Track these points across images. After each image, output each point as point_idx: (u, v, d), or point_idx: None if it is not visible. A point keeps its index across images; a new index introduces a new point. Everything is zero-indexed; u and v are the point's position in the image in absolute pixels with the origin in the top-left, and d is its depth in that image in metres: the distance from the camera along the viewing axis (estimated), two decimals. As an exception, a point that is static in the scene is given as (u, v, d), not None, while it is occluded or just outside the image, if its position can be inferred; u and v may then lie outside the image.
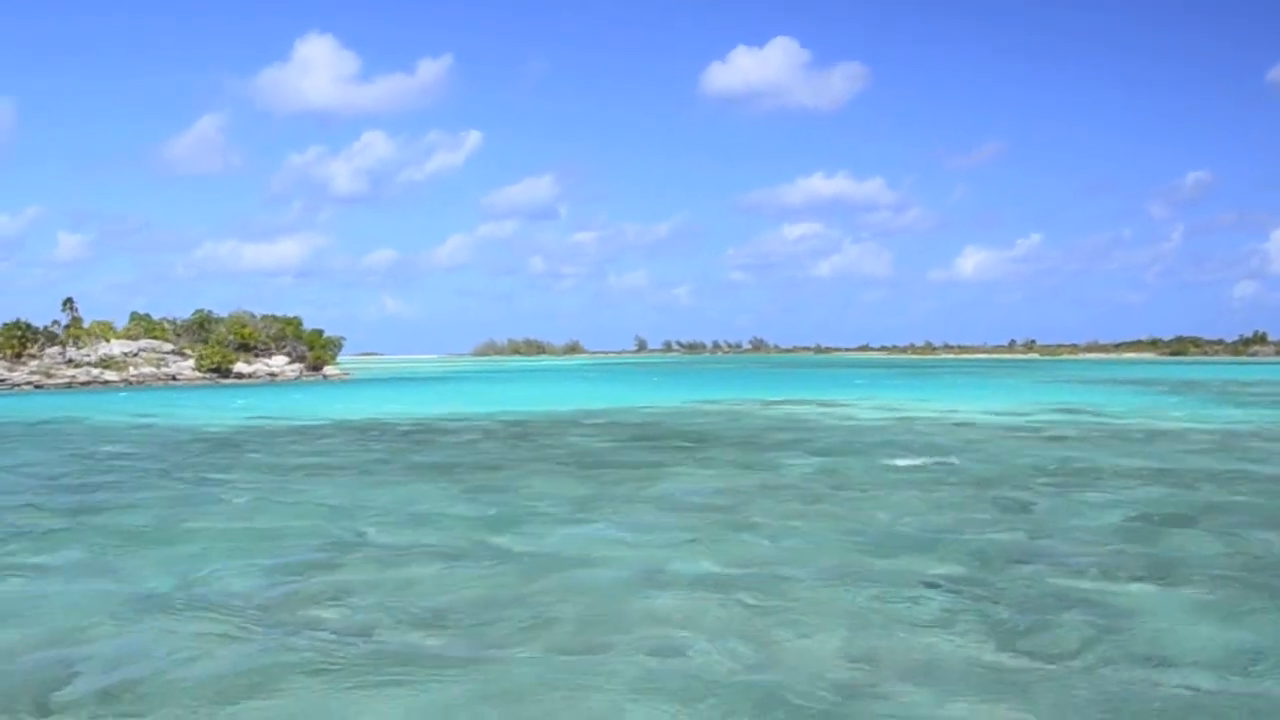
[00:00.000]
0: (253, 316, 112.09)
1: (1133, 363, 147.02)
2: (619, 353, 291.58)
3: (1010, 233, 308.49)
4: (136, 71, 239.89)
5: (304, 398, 56.95)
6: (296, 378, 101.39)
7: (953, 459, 22.35)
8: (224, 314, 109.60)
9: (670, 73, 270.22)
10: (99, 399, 60.03)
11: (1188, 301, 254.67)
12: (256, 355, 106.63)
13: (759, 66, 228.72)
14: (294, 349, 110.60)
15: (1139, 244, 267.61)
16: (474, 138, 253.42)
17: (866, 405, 43.01)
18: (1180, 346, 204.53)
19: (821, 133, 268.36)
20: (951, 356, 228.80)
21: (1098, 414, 36.36)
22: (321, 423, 36.96)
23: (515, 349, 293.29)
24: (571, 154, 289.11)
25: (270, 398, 58.53)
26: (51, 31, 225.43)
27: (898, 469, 20.93)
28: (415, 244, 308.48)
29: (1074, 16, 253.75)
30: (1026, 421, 33.06)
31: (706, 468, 21.63)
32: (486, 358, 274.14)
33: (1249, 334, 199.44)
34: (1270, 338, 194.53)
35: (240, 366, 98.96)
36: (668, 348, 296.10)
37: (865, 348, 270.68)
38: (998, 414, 36.83)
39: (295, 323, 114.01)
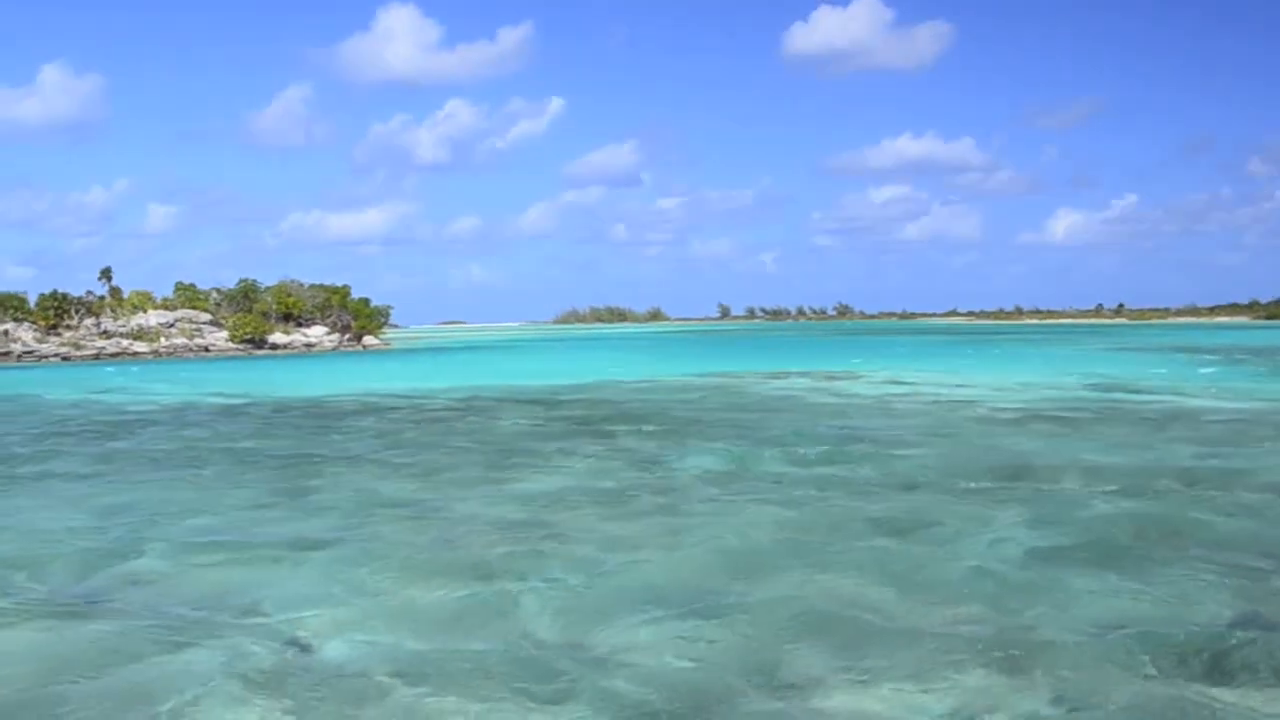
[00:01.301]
0: (300, 285, 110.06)
1: (1220, 327, 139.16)
2: (702, 319, 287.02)
3: (1104, 194, 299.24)
4: (221, 44, 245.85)
5: (302, 372, 53.93)
6: (335, 348, 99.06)
7: (897, 452, 18.19)
8: (307, 283, 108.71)
9: (752, 35, 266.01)
10: (92, 374, 57.76)
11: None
12: (299, 325, 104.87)
13: (842, 26, 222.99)
14: (339, 318, 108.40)
15: (1239, 203, 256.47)
16: (556, 105, 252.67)
17: (876, 379, 38.61)
18: (1277, 310, 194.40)
19: (907, 93, 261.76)
20: (1035, 322, 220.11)
21: (1129, 389, 31.60)
22: (261, 401, 33.74)
23: (597, 317, 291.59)
24: (654, 120, 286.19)
25: (269, 371, 55.75)
26: (139, 9, 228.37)
27: (808, 464, 16.94)
28: (499, 212, 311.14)
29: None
30: (1038, 399, 28.54)
31: (603, 459, 18.36)
32: (568, 325, 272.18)
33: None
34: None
35: (276, 337, 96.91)
36: (751, 314, 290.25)
37: (953, 313, 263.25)
38: (1014, 390, 32.26)
39: (343, 292, 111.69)
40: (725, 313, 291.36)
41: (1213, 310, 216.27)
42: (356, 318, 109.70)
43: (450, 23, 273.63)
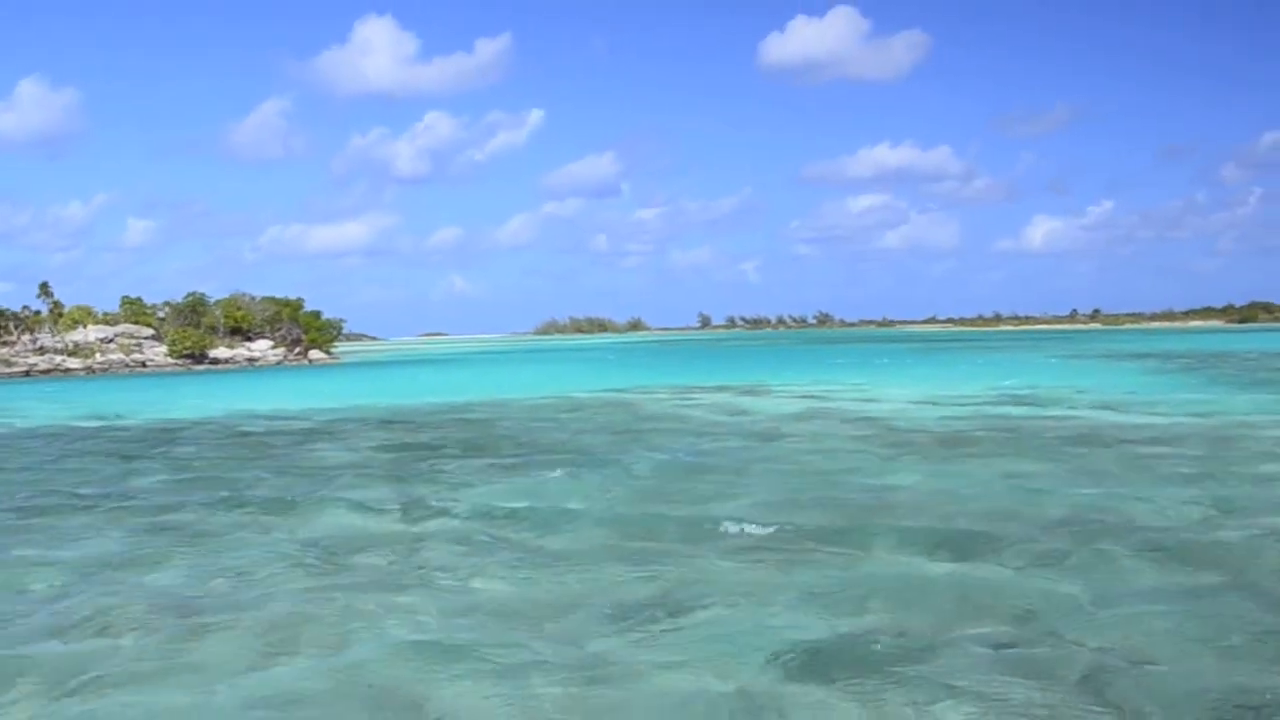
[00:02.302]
0: (250, 299, 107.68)
1: (1190, 332, 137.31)
2: (682, 329, 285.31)
3: (1081, 200, 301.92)
4: (197, 57, 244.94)
5: (200, 391, 51.16)
6: (279, 362, 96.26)
7: (716, 487, 15.74)
8: (260, 296, 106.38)
9: (729, 45, 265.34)
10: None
11: (1265, 266, 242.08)
12: (248, 339, 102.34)
13: (819, 36, 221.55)
14: (289, 332, 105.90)
15: (1214, 209, 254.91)
16: (535, 116, 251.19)
17: (790, 394, 36.22)
18: (1249, 314, 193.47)
19: (884, 102, 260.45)
20: (1010, 328, 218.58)
21: (1042, 403, 29.30)
22: (98, 424, 31.17)
23: (577, 327, 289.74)
24: (633, 131, 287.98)
25: (168, 390, 52.98)
26: (115, 22, 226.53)
27: (610, 506, 14.50)
28: (479, 223, 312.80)
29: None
30: (934, 416, 26.13)
31: (385, 499, 15.74)
32: (548, 336, 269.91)
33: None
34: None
35: (219, 351, 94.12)
36: (731, 323, 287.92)
37: (932, 320, 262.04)
38: (919, 405, 29.87)
39: (294, 305, 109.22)
40: (705, 322, 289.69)
41: (1187, 315, 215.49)
42: (307, 331, 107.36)
43: (428, 35, 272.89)
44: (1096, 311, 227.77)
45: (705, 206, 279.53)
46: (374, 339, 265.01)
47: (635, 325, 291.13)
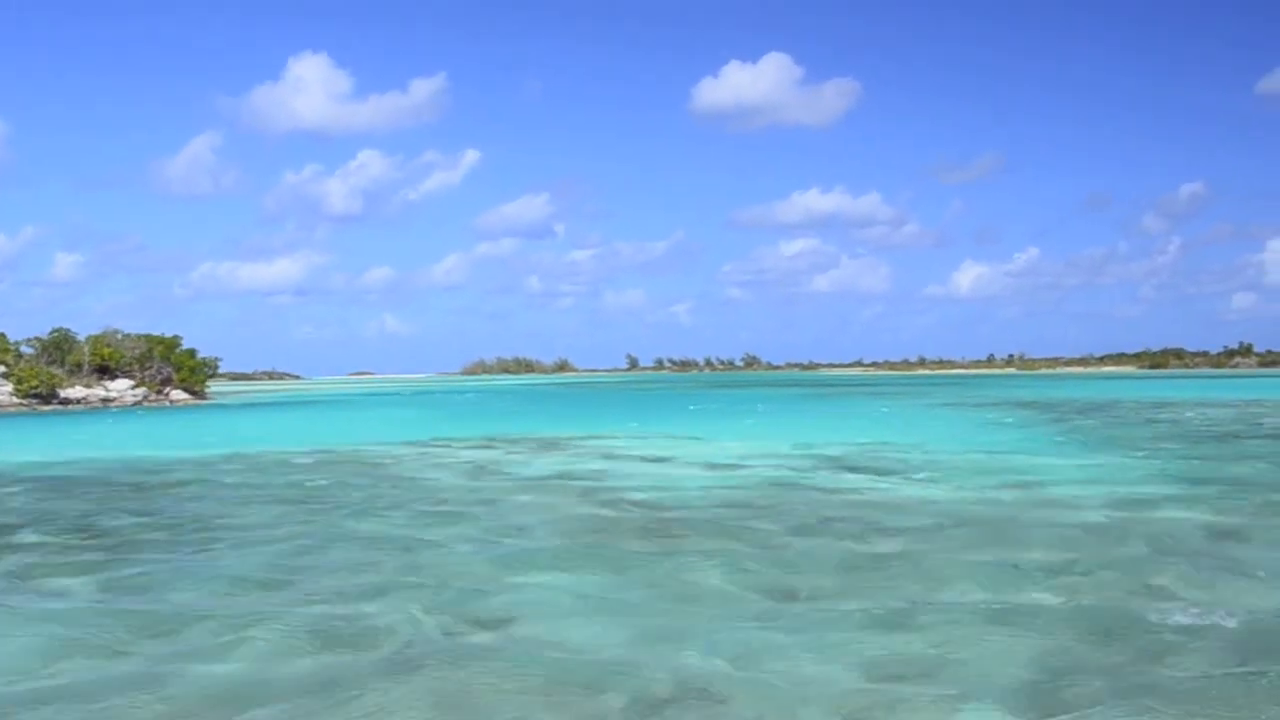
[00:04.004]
0: (121, 335, 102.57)
1: (1097, 377, 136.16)
2: (610, 370, 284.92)
3: (1008, 247, 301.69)
4: (129, 90, 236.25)
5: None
6: (136, 403, 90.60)
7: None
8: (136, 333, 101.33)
9: (663, 89, 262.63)
10: None
11: (1184, 314, 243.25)
12: (115, 378, 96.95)
13: (752, 82, 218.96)
14: (159, 370, 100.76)
15: (1135, 257, 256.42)
16: (470, 156, 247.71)
17: (597, 449, 32.27)
18: (1161, 359, 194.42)
19: (816, 148, 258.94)
20: (926, 373, 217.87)
21: (848, 466, 25.64)
22: None
23: (504, 368, 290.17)
24: (567, 172, 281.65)
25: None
26: (45, 52, 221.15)
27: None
28: (412, 263, 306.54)
29: (1065, 29, 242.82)
30: (722, 483, 22.49)
31: None
32: (474, 377, 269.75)
33: (1234, 346, 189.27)
34: (1256, 349, 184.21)
35: (72, 391, 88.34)
36: (660, 365, 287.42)
37: (858, 363, 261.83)
38: (729, 466, 26.05)
39: (169, 342, 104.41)
40: (633, 364, 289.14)
41: (1102, 360, 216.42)
42: (179, 370, 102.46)
43: (362, 73, 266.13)
44: (1012, 356, 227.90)
45: (639, 248, 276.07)
46: (296, 378, 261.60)
47: (562, 366, 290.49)
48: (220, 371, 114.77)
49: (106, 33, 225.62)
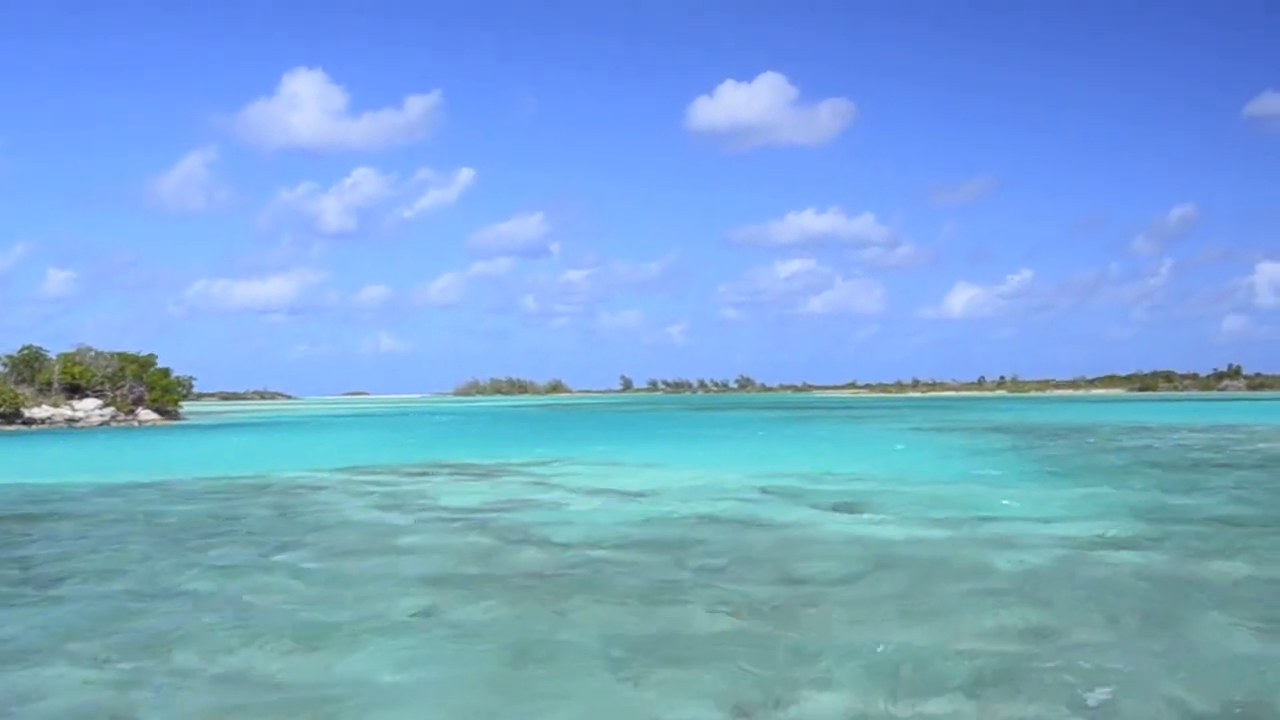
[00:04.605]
0: (94, 354, 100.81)
1: (1087, 400, 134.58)
2: (603, 392, 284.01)
3: (1000, 269, 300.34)
4: (122, 106, 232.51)
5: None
6: (104, 423, 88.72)
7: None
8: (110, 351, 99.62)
9: (657, 109, 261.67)
10: None
11: (1174, 336, 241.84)
12: (85, 397, 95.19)
13: (747, 102, 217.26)
14: (131, 390, 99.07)
15: (1127, 279, 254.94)
16: (465, 175, 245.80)
17: (528, 477, 30.63)
18: (1150, 382, 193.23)
19: (811, 169, 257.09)
20: (918, 395, 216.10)
21: (800, 495, 24.10)
22: None
23: (497, 388, 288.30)
24: (563, 191, 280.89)
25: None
26: (38, 67, 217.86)
27: None
28: (408, 281, 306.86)
29: (1058, 51, 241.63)
30: (634, 518, 20.88)
31: None
32: (469, 397, 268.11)
33: (1223, 369, 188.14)
34: (1246, 372, 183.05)
35: (38, 410, 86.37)
36: (653, 386, 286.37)
37: (852, 385, 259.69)
38: (651, 495, 24.52)
39: (144, 361, 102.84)
40: (627, 385, 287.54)
41: (1093, 383, 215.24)
42: (151, 389, 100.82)
43: (357, 90, 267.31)
44: (1003, 378, 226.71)
45: (634, 268, 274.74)
46: (288, 398, 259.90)
47: (556, 387, 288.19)
48: (211, 391, 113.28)
49: (100, 48, 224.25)
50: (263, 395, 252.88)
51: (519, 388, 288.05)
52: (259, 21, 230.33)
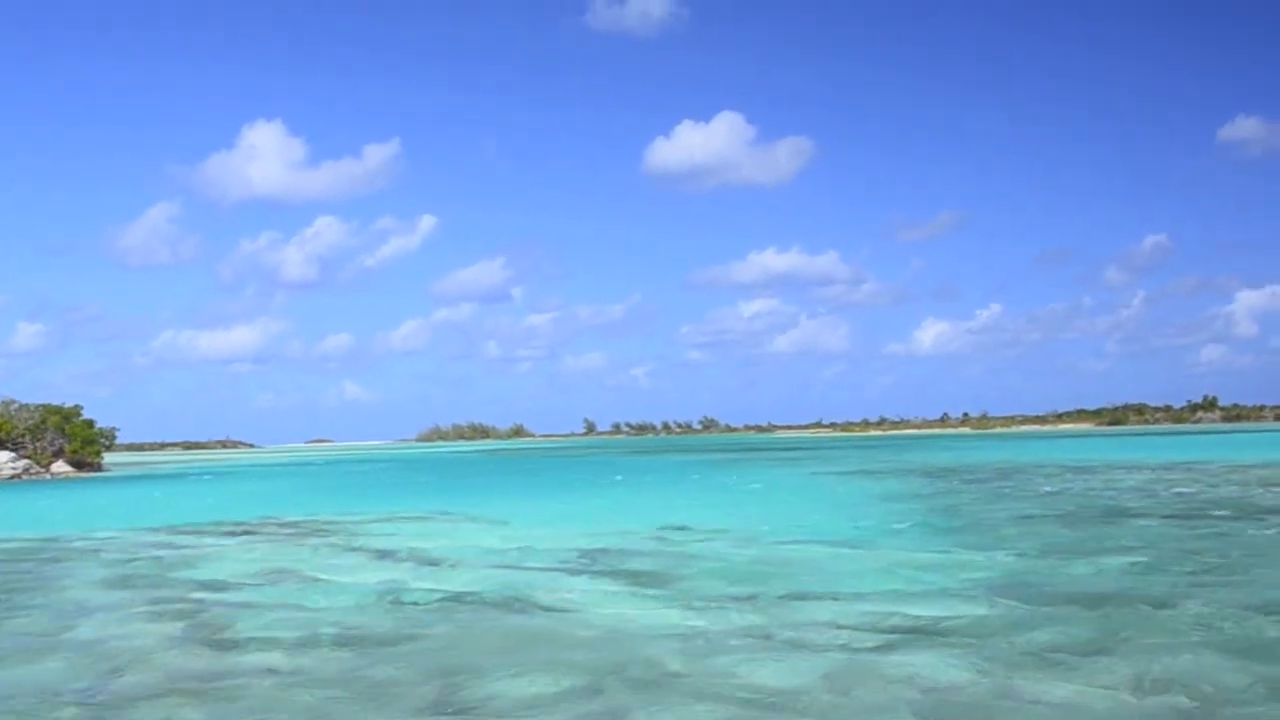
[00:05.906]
0: (20, 406, 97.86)
1: (1046, 436, 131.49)
2: (566, 435, 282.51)
3: (969, 304, 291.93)
4: (82, 160, 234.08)
5: None
6: (14, 476, 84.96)
7: None
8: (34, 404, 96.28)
9: (616, 149, 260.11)
10: None
11: (1149, 368, 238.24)
12: (3, 449, 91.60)
13: (704, 142, 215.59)
14: (52, 442, 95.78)
15: (1099, 311, 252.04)
16: (427, 222, 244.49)
17: (346, 535, 27.15)
18: (1120, 416, 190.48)
19: (771, 208, 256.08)
20: (879, 434, 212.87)
21: (592, 565, 20.65)
22: None
23: (460, 434, 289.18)
24: (524, 236, 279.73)
25: None
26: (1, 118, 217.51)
27: None
28: (371, 329, 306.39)
29: (1020, 82, 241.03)
30: (393, 591, 17.38)
31: None
32: (430, 444, 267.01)
33: (1198, 400, 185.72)
34: (1222, 403, 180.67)
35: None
36: (617, 429, 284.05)
37: (818, 424, 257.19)
38: (459, 562, 21.04)
39: (68, 413, 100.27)
40: (591, 428, 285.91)
41: (1060, 417, 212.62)
42: (72, 441, 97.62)
43: (316, 140, 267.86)
44: (967, 415, 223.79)
45: (597, 312, 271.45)
46: (250, 446, 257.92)
47: (518, 432, 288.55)
48: (176, 441, 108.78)
49: (61, 102, 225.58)
50: (225, 444, 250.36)
51: (481, 433, 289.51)
52: (217, 74, 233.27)
